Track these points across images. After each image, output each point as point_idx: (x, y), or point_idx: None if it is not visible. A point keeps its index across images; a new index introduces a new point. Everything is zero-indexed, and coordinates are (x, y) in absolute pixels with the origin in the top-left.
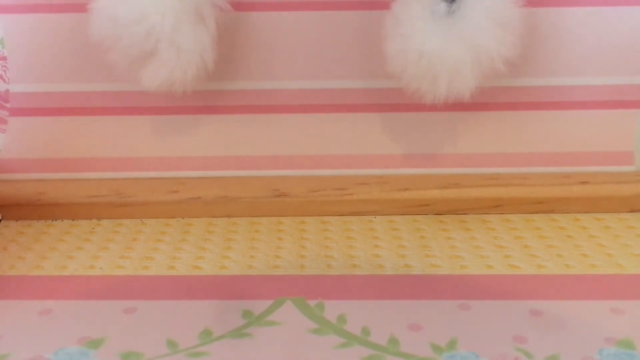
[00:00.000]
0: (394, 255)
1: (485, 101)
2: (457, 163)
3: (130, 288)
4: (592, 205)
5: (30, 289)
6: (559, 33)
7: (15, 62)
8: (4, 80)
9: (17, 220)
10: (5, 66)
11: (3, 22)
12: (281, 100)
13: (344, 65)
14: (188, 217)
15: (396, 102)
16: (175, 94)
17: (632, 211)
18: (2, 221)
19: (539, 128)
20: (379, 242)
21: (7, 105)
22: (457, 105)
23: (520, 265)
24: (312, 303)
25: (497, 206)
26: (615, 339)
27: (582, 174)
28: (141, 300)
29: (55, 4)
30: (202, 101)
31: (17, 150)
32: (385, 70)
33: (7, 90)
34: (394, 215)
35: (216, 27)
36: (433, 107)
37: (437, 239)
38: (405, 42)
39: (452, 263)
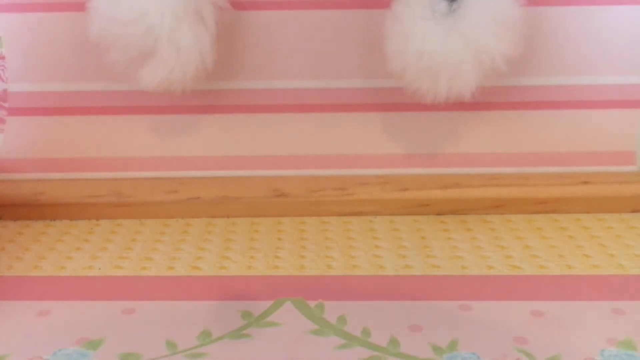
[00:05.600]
0: (395, 255)
1: (486, 101)
2: (457, 163)
3: (129, 289)
4: (593, 205)
5: (29, 290)
6: (560, 33)
7: (13, 61)
8: (2, 80)
9: (15, 221)
10: (3, 65)
11: (2, 21)
12: (281, 100)
13: (344, 65)
14: (187, 217)
15: (396, 102)
16: (174, 93)
17: (633, 211)
18: (0, 221)
19: (540, 128)
20: (379, 242)
21: (6, 104)
22: (458, 105)
23: (521, 265)
24: (312, 304)
25: (498, 206)
26: (617, 340)
27: (584, 174)
28: (140, 301)
29: (54, 3)
30: (201, 101)
31: (15, 150)
32: (385, 70)
33: (6, 90)
34: (395, 215)
35: (216, 27)
36: (434, 107)
37: (438, 239)
38: (406, 41)
39: (452, 263)
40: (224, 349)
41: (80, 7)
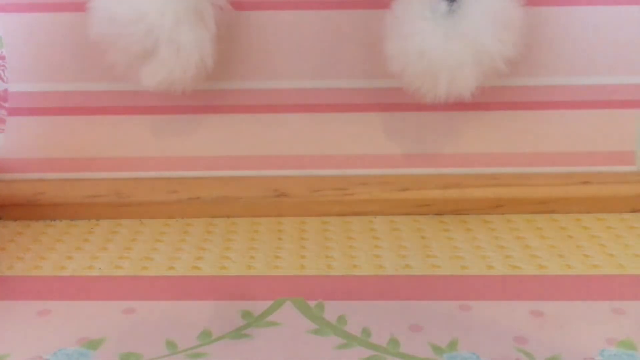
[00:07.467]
0: (395, 255)
1: (486, 101)
2: (457, 163)
3: (129, 288)
4: (593, 205)
5: (29, 290)
6: (560, 33)
7: (13, 61)
8: (3, 80)
9: (15, 220)
10: (3, 65)
11: (2, 21)
12: (281, 100)
13: (344, 65)
14: (187, 217)
15: (397, 102)
16: (174, 93)
17: (633, 211)
18: (0, 221)
19: (540, 128)
20: (379, 242)
21: (6, 104)
22: (458, 105)
23: (521, 265)
24: (312, 303)
25: (498, 206)
26: (617, 340)
27: (584, 174)
28: (140, 301)
29: (54, 3)
30: (201, 101)
31: (16, 150)
32: (385, 70)
33: (6, 90)
34: (395, 215)
35: (216, 27)
36: (434, 107)
37: (438, 239)
38: (406, 41)
39: (452, 263)
40: (224, 349)
41: (80, 7)
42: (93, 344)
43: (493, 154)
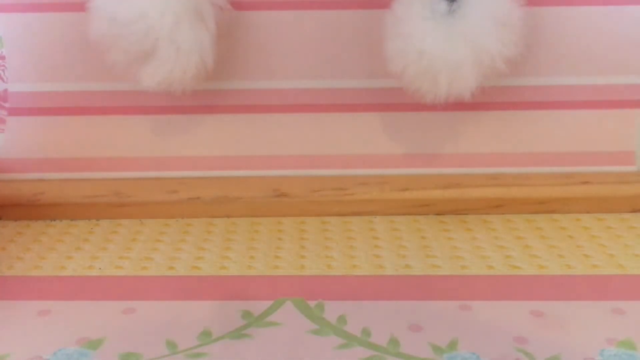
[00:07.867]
0: (394, 255)
1: (486, 101)
2: (457, 163)
3: (129, 288)
4: (593, 205)
5: (29, 290)
6: (559, 33)
7: (13, 61)
8: (3, 80)
9: (15, 220)
10: (3, 65)
11: (2, 21)
12: (281, 100)
13: (344, 65)
14: (187, 217)
15: (396, 102)
16: (174, 93)
17: (633, 211)
18: (0, 221)
19: (540, 128)
20: (379, 242)
21: (6, 104)
22: (458, 105)
23: (521, 265)
24: (312, 303)
25: (498, 206)
26: (617, 340)
27: (584, 174)
28: (140, 301)
29: (54, 3)
30: (201, 101)
31: (15, 150)
32: (385, 70)
33: (6, 90)
34: (395, 215)
35: (216, 26)
36: (433, 107)
37: (438, 239)
38: (406, 41)
39: (452, 263)
40: (224, 349)
41: (80, 7)
42: (93, 344)
43: (493, 154)
